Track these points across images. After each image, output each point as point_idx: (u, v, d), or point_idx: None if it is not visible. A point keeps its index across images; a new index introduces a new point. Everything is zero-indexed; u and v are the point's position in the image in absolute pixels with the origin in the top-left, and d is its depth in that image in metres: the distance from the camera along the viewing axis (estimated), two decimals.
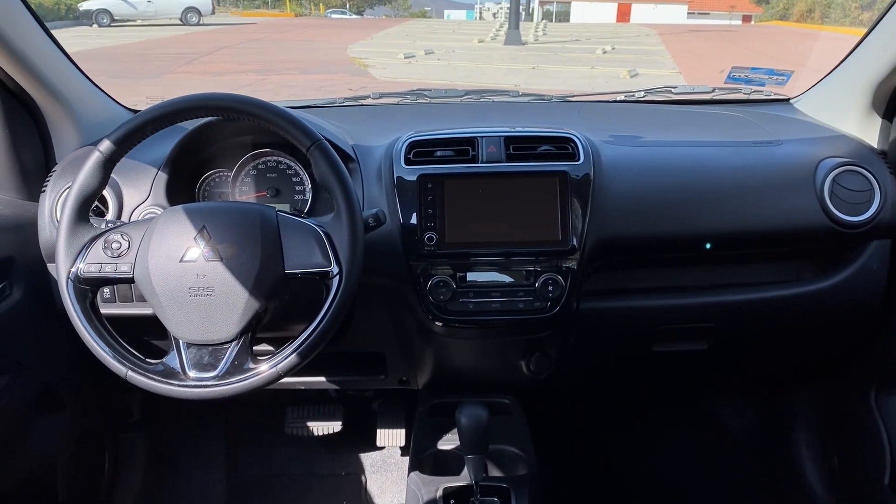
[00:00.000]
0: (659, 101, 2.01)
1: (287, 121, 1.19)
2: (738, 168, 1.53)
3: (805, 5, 32.25)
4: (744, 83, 2.01)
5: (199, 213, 1.18)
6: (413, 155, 1.46)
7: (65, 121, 1.55)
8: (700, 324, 1.61)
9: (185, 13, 25.70)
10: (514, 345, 1.62)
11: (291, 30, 24.56)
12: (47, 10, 23.42)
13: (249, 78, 11.06)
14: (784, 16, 35.19)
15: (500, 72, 12.75)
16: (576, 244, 1.41)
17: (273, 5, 53.54)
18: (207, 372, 1.14)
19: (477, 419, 1.52)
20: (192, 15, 25.77)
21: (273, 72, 12.15)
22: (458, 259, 1.43)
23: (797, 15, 32.63)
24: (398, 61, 14.01)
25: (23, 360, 1.49)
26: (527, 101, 2.03)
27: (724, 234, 1.50)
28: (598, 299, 1.55)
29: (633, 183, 1.49)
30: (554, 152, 1.46)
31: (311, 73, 11.94)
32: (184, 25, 25.09)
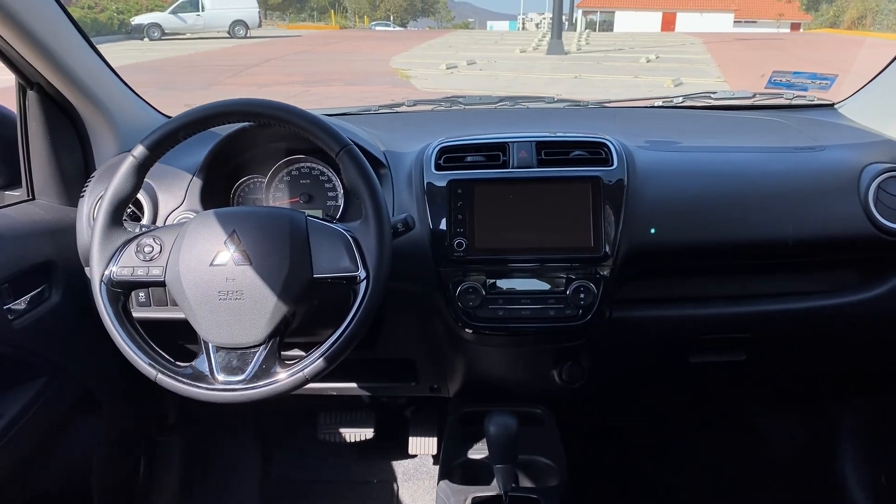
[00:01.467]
0: (698, 106, 1.98)
1: (317, 126, 1.20)
2: (778, 174, 1.49)
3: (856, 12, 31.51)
4: (785, 88, 1.95)
5: (230, 217, 1.19)
6: (443, 160, 1.45)
7: (104, 127, 1.58)
8: (737, 334, 1.57)
9: (233, 26, 26.26)
10: (545, 353, 1.60)
11: (336, 42, 24.88)
12: (101, 25, 24.16)
13: (294, 89, 11.23)
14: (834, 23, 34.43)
15: (542, 81, 12.71)
16: (608, 251, 1.39)
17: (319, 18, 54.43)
18: (235, 375, 1.15)
19: (506, 428, 1.50)
20: (239, 28, 26.32)
21: (317, 83, 12.31)
22: (488, 265, 1.42)
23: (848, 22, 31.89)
24: (440, 72, 14.07)
25: (60, 362, 1.52)
26: (562, 107, 2.01)
27: (764, 241, 1.46)
28: (632, 308, 1.52)
29: (669, 189, 1.46)
30: (587, 157, 1.44)
31: (354, 85, 12.07)
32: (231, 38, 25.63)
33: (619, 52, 18.88)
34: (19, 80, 1.48)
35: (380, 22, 54.22)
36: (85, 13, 23.84)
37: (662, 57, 16.82)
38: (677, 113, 1.97)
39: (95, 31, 22.87)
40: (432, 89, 11.49)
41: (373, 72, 14.27)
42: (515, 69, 14.80)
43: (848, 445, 1.92)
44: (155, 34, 24.87)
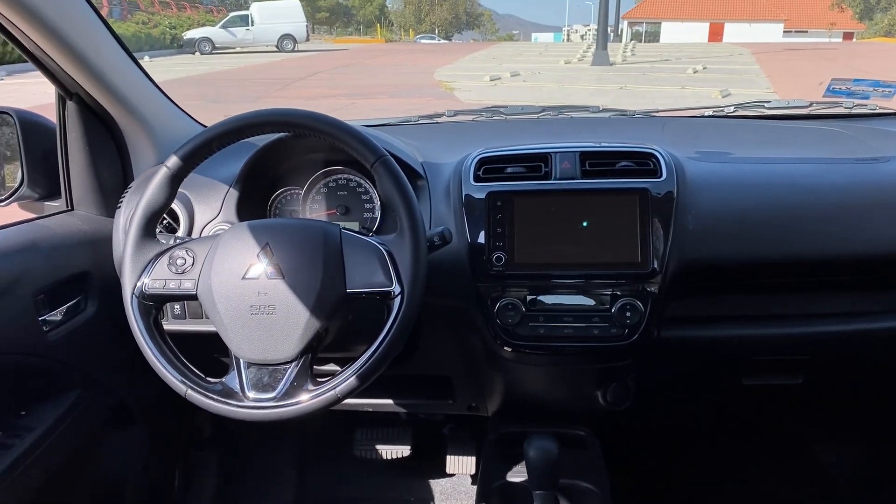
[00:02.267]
0: (750, 115, 1.89)
1: (351, 136, 1.16)
2: (839, 186, 1.41)
3: None
4: (845, 96, 1.86)
5: (263, 229, 1.16)
6: (483, 172, 1.40)
7: (142, 138, 1.58)
8: (795, 356, 1.48)
9: (281, 41, 26.83)
10: (589, 373, 1.54)
11: (381, 55, 25.13)
12: (154, 40, 24.87)
13: (340, 102, 11.34)
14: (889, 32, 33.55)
15: (587, 92, 12.61)
16: (657, 267, 1.32)
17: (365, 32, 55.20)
18: (266, 393, 1.11)
19: (546, 453, 1.43)
20: (287, 42, 26.88)
21: (362, 96, 12.42)
22: (528, 281, 1.36)
23: None
24: (483, 84, 14.07)
25: (94, 374, 1.51)
26: (607, 116, 1.94)
27: (824, 257, 1.37)
28: (682, 327, 1.45)
29: (721, 201, 1.38)
30: (634, 168, 1.38)
31: (398, 97, 12.15)
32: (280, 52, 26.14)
33: (665, 63, 18.66)
34: (58, 91, 1.48)
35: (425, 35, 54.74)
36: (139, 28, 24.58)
37: (710, 68, 16.57)
38: (729, 123, 1.90)
39: (149, 46, 23.55)
40: (476, 101, 11.49)
41: (417, 84, 14.34)
42: (560, 80, 14.73)
43: None
44: (206, 48, 25.56)
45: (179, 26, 28.04)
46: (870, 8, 39.54)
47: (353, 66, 19.82)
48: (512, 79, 15.06)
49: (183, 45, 25.95)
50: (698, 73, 15.69)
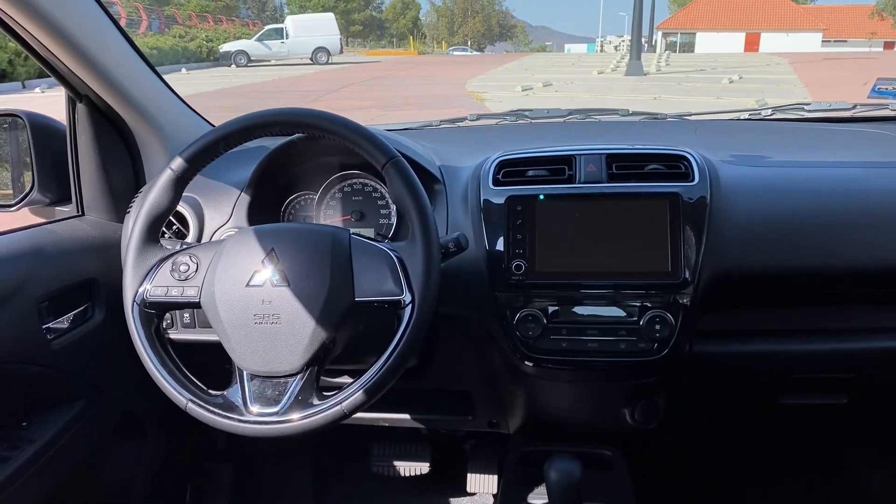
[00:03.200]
0: (789, 119, 1.80)
1: (362, 136, 1.10)
2: (885, 191, 1.31)
3: None
4: (891, 97, 1.76)
5: (269, 234, 1.11)
6: (502, 175, 1.34)
7: (155, 141, 1.54)
8: (839, 374, 1.38)
9: (316, 53, 27.15)
10: (615, 390, 1.45)
11: (414, 67, 25.25)
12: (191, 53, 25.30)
13: (371, 113, 11.37)
14: None
15: (620, 102, 12.48)
16: (688, 277, 1.24)
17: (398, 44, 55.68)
18: (270, 407, 1.05)
19: (568, 475, 1.35)
20: (321, 55, 27.18)
21: (394, 107, 12.45)
22: (549, 290, 1.28)
23: None
24: (515, 94, 14.02)
25: (101, 384, 1.47)
26: (637, 119, 1.86)
27: (869, 267, 1.28)
28: (716, 342, 1.36)
29: (758, 207, 1.29)
30: (664, 171, 1.30)
31: (429, 108, 12.15)
32: (314, 64, 26.43)
33: (700, 73, 18.44)
34: (68, 93, 1.45)
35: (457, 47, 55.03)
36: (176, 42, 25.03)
37: (745, 77, 16.32)
38: (766, 126, 1.80)
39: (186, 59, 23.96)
40: None
41: (448, 95, 14.34)
42: (592, 90, 14.62)
43: None
44: (241, 61, 25.96)
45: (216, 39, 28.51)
46: None
47: (385, 77, 19.93)
48: (544, 89, 14.98)
49: (219, 58, 26.38)
50: (734, 82, 15.45)
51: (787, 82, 15.46)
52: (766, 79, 16.09)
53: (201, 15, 33.44)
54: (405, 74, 21.24)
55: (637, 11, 18.65)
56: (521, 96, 13.80)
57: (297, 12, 39.93)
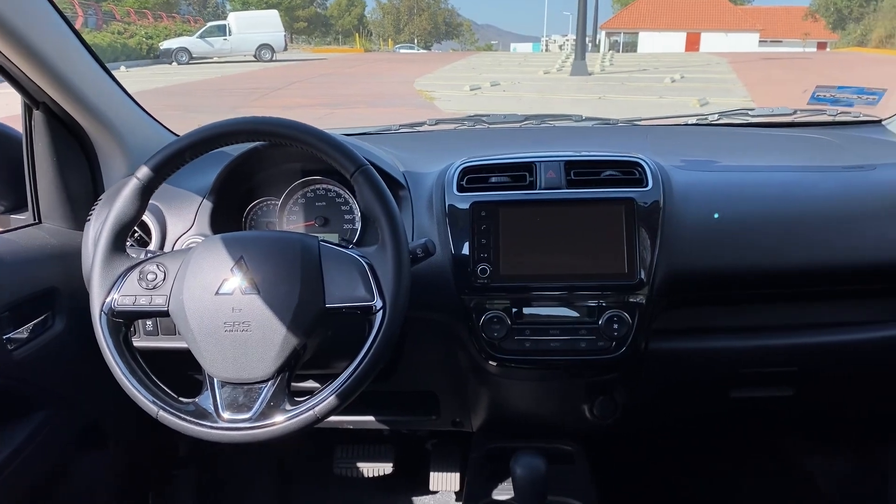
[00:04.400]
0: (735, 123, 1.88)
1: (330, 145, 1.12)
2: (827, 195, 1.39)
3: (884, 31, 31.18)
4: (829, 103, 1.85)
5: (238, 242, 1.12)
6: (466, 181, 1.37)
7: (113, 148, 1.53)
8: (784, 368, 1.46)
9: (259, 50, 26.71)
10: (575, 387, 1.50)
11: (360, 64, 25.09)
12: (130, 50, 24.63)
13: (319, 111, 11.28)
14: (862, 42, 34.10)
15: (566, 102, 12.64)
16: (644, 278, 1.30)
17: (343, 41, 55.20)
18: (241, 413, 1.06)
19: (533, 470, 1.39)
20: (265, 52, 26.75)
21: (342, 105, 12.37)
22: (514, 293, 1.33)
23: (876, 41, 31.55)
24: (463, 93, 14.06)
25: (63, 394, 1.45)
26: (590, 125, 1.92)
27: (811, 267, 1.35)
28: (670, 339, 1.42)
29: (708, 211, 1.36)
30: (619, 178, 1.35)
31: (378, 107, 12.11)
32: (258, 62, 26.02)
33: (643, 73, 18.79)
34: (24, 100, 1.42)
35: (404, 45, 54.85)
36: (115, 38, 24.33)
37: (687, 77, 16.70)
38: (713, 131, 1.88)
39: (125, 56, 23.30)
40: (456, 110, 11.48)
41: (397, 93, 14.31)
42: (539, 90, 14.77)
43: None
44: (183, 58, 25.38)
45: (156, 36, 27.79)
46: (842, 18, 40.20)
47: (331, 75, 19.76)
48: (492, 88, 15.07)
49: (159, 56, 25.73)
50: (676, 82, 15.80)
51: (728, 82, 15.88)
52: (707, 78, 16.49)
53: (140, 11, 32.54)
54: (352, 72, 21.09)
55: (581, 11, 18.89)
56: (469, 95, 13.86)
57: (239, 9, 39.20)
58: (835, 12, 41.07)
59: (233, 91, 14.83)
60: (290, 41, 35.45)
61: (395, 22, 65.06)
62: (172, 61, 25.15)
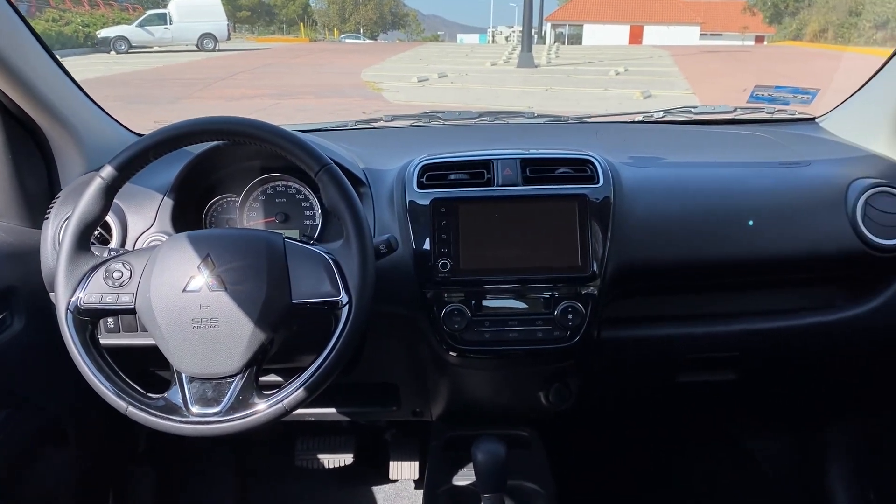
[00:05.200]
0: (678, 121, 1.96)
1: (295, 144, 1.15)
2: (764, 190, 1.47)
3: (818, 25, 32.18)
4: (767, 102, 1.95)
5: (204, 240, 1.14)
6: (426, 178, 1.41)
7: (70, 146, 1.51)
8: (726, 353, 1.54)
9: (202, 39, 26.09)
10: (532, 375, 1.56)
11: (306, 54, 24.78)
12: (66, 38, 23.79)
13: (264, 102, 11.13)
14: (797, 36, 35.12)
15: (514, 94, 12.76)
16: (596, 270, 1.36)
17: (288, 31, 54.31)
18: (211, 407, 1.09)
19: (494, 456, 1.45)
20: (208, 41, 26.15)
21: (288, 96, 12.22)
22: (473, 286, 1.37)
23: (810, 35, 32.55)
24: (411, 85, 14.06)
25: (23, 393, 1.44)
26: (542, 122, 1.98)
27: (751, 258, 1.44)
28: (621, 328, 1.49)
29: (656, 206, 1.43)
30: (572, 175, 1.41)
31: (325, 97, 12.00)
32: (200, 51, 25.44)
33: (588, 65, 19.05)
34: None
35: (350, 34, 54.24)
36: (49, 26, 23.46)
37: (631, 70, 17.00)
38: (658, 128, 1.96)
39: (60, 45, 22.50)
40: (404, 102, 11.47)
41: (344, 84, 14.20)
42: (487, 82, 14.84)
43: (837, 463, 1.90)
44: (122, 47, 24.62)
45: (93, 24, 26.92)
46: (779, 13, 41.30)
47: (276, 65, 19.49)
48: (440, 80, 15.08)
49: (97, 44, 24.90)
50: (620, 74, 16.07)
51: (670, 75, 16.22)
52: (650, 71, 16.82)
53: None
54: (298, 62, 20.84)
55: (527, 3, 19.04)
56: (417, 87, 13.86)
57: None
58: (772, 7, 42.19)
59: (175, 81, 14.50)
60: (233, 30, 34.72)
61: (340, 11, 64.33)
62: (111, 50, 24.38)
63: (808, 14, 35.72)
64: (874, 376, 1.68)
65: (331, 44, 41.74)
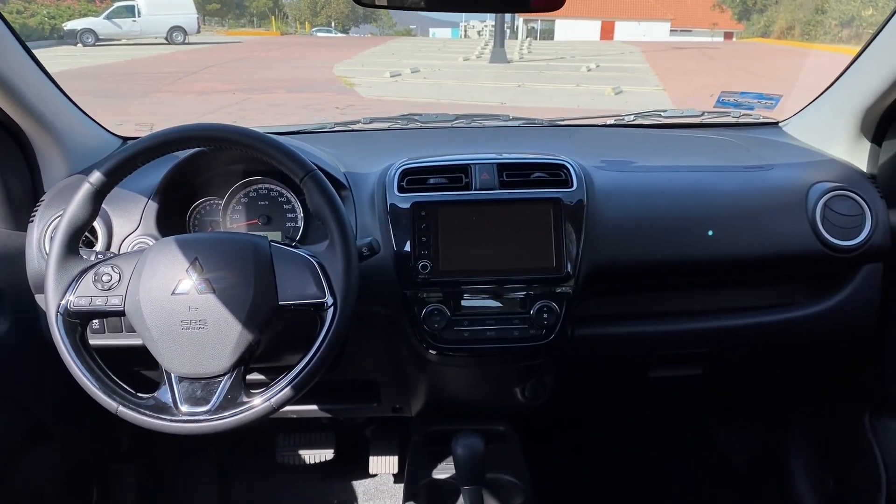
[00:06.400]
0: (649, 124, 2.02)
1: (279, 151, 1.18)
2: (731, 193, 1.54)
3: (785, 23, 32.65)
4: (733, 107, 2.02)
5: (192, 244, 1.17)
6: (406, 182, 1.45)
7: (52, 148, 1.53)
8: (695, 349, 1.61)
9: (171, 32, 25.75)
10: (508, 372, 1.61)
11: (277, 48, 24.60)
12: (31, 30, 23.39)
13: (236, 97, 11.05)
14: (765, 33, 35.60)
15: (486, 90, 12.80)
16: (570, 270, 1.41)
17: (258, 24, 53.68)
18: (200, 406, 1.12)
19: (473, 449, 1.50)
20: (177, 34, 25.81)
21: (260, 90, 12.14)
22: (452, 287, 1.42)
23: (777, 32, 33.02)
24: (384, 80, 14.04)
25: (8, 393, 1.46)
26: (517, 125, 2.03)
27: (718, 259, 1.50)
28: (594, 325, 1.55)
29: (627, 209, 1.49)
30: (547, 179, 1.46)
31: (297, 92, 11.95)
32: (169, 45, 25.10)
33: (560, 61, 19.16)
34: None
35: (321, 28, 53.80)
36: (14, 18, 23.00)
37: (602, 66, 17.14)
38: (629, 132, 2.02)
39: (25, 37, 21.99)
40: (377, 97, 11.47)
41: (316, 79, 14.14)
42: (459, 77, 14.88)
43: (799, 452, 1.98)
44: (89, 40, 24.20)
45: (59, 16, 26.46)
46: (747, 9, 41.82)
47: (247, 59, 19.33)
48: (412, 75, 15.10)
49: (63, 37, 24.46)
50: (592, 71, 16.20)
51: (641, 71, 16.39)
52: (621, 67, 16.97)
53: None
54: (269, 56, 20.67)
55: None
56: (390, 82, 13.84)
57: None
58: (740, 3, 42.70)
59: (145, 75, 14.32)
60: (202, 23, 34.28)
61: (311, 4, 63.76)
62: (77, 43, 23.94)
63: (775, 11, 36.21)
64: (834, 369, 1.76)
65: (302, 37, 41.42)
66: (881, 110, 1.55)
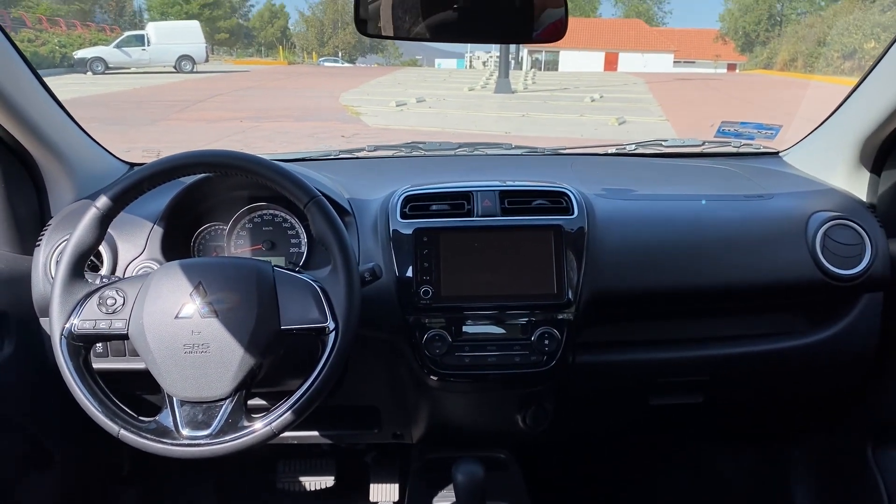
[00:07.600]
0: (650, 153, 2.04)
1: (284, 177, 1.20)
2: (731, 222, 1.55)
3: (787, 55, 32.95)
4: (733, 137, 2.04)
5: (195, 268, 1.18)
6: (409, 209, 1.47)
7: (60, 173, 1.55)
8: (696, 376, 1.61)
9: (179, 61, 26.07)
10: (509, 398, 1.61)
11: (284, 77, 24.85)
12: (42, 58, 23.70)
13: (243, 125, 11.15)
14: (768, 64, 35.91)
15: (491, 119, 12.90)
16: (571, 297, 1.42)
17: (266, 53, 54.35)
18: (201, 430, 1.13)
19: (473, 477, 1.50)
20: (186, 63, 26.13)
21: (267, 119, 12.25)
22: (454, 313, 1.43)
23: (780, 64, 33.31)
24: (390, 109, 14.16)
25: (11, 416, 1.46)
26: (519, 153, 2.05)
27: (718, 287, 1.51)
28: (595, 352, 1.55)
29: (627, 236, 1.50)
30: (548, 206, 1.47)
31: (304, 121, 12.05)
32: (178, 73, 25.39)
33: (564, 92, 19.31)
34: None
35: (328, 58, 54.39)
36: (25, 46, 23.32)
37: (606, 96, 17.28)
38: (630, 160, 2.03)
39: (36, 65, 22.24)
40: (383, 126, 11.56)
41: (322, 108, 14.27)
42: (464, 107, 14.99)
43: (799, 480, 1.97)
44: (98, 68, 24.52)
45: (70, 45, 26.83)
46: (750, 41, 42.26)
47: (255, 88, 19.53)
48: (417, 105, 15.22)
49: (74, 65, 24.77)
50: (595, 101, 16.33)
51: (644, 101, 16.52)
52: (624, 98, 17.11)
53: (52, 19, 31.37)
54: (276, 85, 20.88)
55: None
56: (395, 111, 13.97)
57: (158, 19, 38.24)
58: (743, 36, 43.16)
59: (153, 103, 14.48)
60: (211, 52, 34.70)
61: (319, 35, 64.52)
62: (87, 71, 24.27)
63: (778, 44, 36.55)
64: (835, 398, 1.75)
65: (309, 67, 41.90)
66: (880, 140, 1.56)
